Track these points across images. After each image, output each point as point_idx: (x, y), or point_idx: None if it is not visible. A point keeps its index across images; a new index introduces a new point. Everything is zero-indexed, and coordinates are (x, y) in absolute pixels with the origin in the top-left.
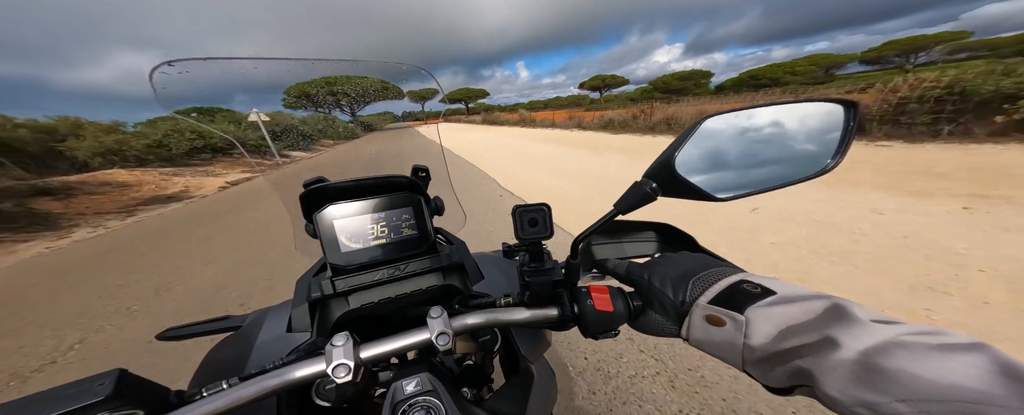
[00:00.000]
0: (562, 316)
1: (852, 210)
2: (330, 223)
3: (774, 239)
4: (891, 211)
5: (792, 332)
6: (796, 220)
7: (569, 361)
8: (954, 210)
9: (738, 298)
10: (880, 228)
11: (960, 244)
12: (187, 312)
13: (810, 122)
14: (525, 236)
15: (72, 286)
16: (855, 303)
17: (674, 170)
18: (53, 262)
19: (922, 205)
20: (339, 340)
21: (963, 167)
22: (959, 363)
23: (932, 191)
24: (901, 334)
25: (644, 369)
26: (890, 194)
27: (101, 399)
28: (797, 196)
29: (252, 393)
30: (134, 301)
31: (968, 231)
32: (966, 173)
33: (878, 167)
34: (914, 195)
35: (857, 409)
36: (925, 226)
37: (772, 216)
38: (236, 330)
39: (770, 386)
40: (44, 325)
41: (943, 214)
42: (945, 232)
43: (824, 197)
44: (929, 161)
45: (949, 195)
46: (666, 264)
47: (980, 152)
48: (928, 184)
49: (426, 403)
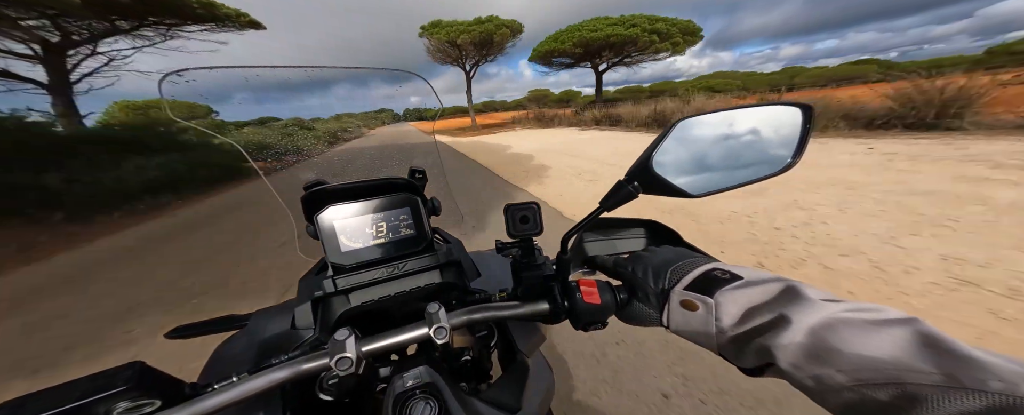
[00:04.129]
0: (553, 309)
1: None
2: (330, 224)
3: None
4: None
5: (754, 312)
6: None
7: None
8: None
9: (709, 284)
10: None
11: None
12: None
13: (774, 123)
14: (517, 233)
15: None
16: (808, 284)
17: (652, 169)
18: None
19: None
20: (342, 335)
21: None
22: (888, 336)
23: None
24: (843, 311)
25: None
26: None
27: (123, 389)
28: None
29: (260, 385)
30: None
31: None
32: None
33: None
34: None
35: (806, 380)
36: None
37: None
38: (241, 328)
39: (743, 367)
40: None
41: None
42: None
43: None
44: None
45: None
46: (649, 256)
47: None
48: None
49: (426, 395)
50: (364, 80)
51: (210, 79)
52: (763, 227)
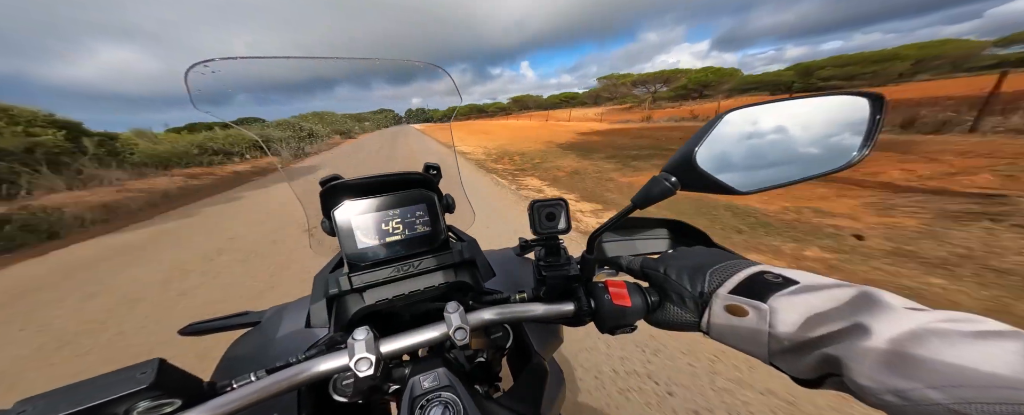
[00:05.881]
0: (578, 311)
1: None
2: (347, 219)
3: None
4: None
5: (819, 320)
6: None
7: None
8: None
9: (760, 288)
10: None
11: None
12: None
13: (834, 115)
14: (543, 231)
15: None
16: (886, 291)
17: (695, 164)
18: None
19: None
20: (360, 334)
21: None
22: (997, 349)
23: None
24: (935, 321)
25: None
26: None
27: (144, 387)
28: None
29: (280, 385)
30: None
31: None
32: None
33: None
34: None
35: (886, 396)
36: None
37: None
38: (255, 325)
39: (798, 378)
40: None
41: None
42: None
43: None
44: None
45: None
46: (682, 257)
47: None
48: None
49: (444, 398)
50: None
51: (234, 70)
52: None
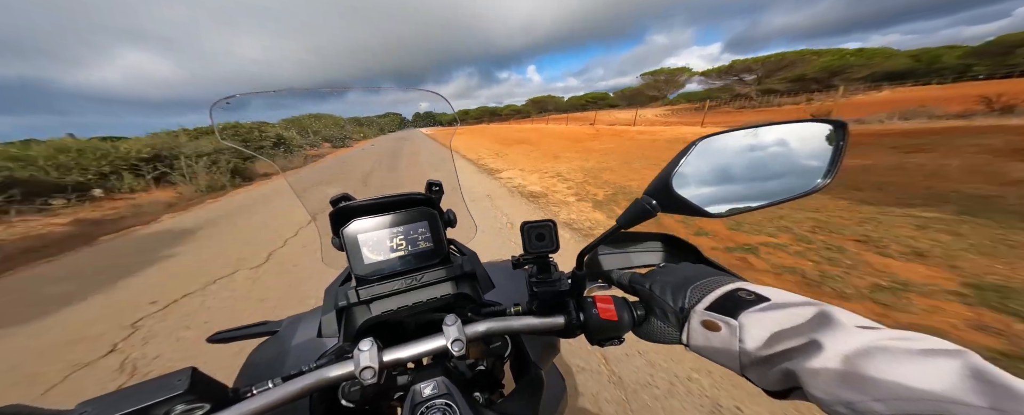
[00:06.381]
0: (569, 324)
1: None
2: (355, 237)
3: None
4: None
5: (782, 336)
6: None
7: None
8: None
9: (732, 305)
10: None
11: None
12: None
13: (802, 141)
14: (532, 250)
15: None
16: (843, 310)
17: (671, 188)
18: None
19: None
20: (365, 345)
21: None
22: (935, 367)
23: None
24: (883, 339)
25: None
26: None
27: (180, 393)
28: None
29: (294, 391)
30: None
31: None
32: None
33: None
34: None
35: (838, 407)
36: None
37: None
38: (273, 334)
39: (767, 389)
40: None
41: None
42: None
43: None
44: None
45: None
46: (667, 273)
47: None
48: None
49: (443, 406)
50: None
51: (254, 102)
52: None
